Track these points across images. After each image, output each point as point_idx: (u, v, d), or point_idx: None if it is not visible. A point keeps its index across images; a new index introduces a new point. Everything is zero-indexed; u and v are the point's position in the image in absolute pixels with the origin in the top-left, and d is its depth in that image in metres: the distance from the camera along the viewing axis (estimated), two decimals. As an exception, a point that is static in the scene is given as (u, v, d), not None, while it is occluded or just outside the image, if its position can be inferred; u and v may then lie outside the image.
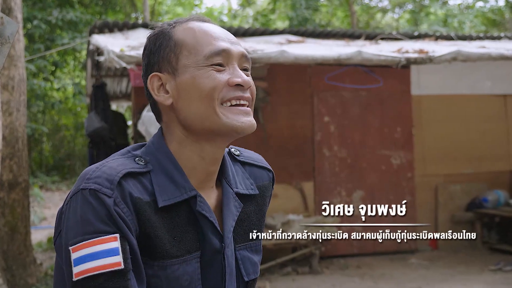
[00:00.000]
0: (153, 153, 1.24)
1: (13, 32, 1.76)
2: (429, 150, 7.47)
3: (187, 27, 1.26)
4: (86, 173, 1.17)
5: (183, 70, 1.22)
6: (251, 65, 1.29)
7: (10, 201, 5.72)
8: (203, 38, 1.24)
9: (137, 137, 6.53)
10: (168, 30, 1.26)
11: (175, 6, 20.48)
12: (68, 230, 1.13)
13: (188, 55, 1.22)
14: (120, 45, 5.75)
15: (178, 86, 1.22)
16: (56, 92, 15.10)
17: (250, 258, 1.34)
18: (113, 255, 1.10)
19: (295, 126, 7.06)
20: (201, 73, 1.21)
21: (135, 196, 1.15)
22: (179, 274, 1.19)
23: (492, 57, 6.12)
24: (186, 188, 1.22)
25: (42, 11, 12.52)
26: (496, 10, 17.49)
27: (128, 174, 1.17)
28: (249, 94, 1.25)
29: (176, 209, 1.21)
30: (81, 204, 1.13)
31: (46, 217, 10.49)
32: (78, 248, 1.10)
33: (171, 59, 1.23)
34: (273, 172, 1.45)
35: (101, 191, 1.12)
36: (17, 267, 5.74)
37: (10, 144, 5.70)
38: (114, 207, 1.12)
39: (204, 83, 1.21)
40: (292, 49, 5.91)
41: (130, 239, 1.13)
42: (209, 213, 1.24)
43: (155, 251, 1.17)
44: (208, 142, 1.24)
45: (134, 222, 1.14)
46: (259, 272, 1.37)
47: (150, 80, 1.25)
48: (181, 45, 1.23)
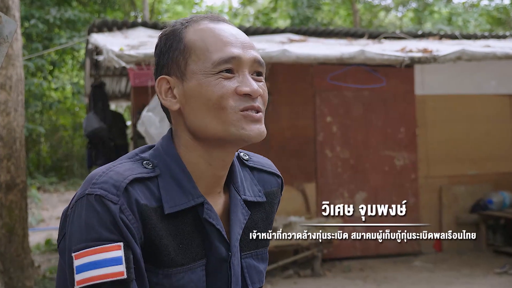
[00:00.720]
0: (162, 156, 1.22)
1: (11, 31, 1.74)
2: (433, 151, 7.41)
3: (198, 29, 1.22)
4: (92, 177, 1.15)
5: (191, 76, 1.19)
6: (265, 68, 1.24)
7: (7, 202, 5.68)
8: (213, 43, 1.19)
9: (136, 138, 6.50)
10: (180, 31, 1.22)
11: (175, 4, 20.45)
12: (72, 236, 1.11)
13: (196, 61, 1.19)
14: (119, 44, 5.71)
15: (186, 93, 1.19)
16: (54, 92, 15.03)
17: (255, 267, 1.32)
18: (116, 264, 1.08)
19: (297, 126, 7.01)
20: (209, 81, 1.17)
21: (141, 203, 1.13)
22: (184, 282, 1.18)
23: (497, 57, 6.10)
24: (194, 195, 1.20)
25: (40, 9, 12.45)
26: (502, 9, 17.46)
27: (135, 180, 1.15)
28: (259, 104, 1.20)
29: (183, 216, 1.19)
30: (86, 210, 1.11)
31: (44, 219, 10.46)
32: (81, 255, 1.09)
33: (180, 63, 1.20)
34: (282, 178, 1.43)
35: (107, 198, 1.10)
36: (15, 269, 5.70)
37: (8, 144, 5.66)
38: (120, 214, 1.10)
39: (211, 91, 1.17)
40: (294, 48, 5.87)
41: (134, 248, 1.11)
42: (216, 220, 1.21)
43: (160, 258, 1.15)
44: (216, 148, 1.21)
45: (139, 230, 1.12)
46: (264, 280, 1.34)
47: (158, 83, 1.23)
48: (190, 49, 1.20)
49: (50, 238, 8.25)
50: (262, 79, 1.23)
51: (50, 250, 7.89)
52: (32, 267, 5.92)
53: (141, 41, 6.02)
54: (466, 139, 7.52)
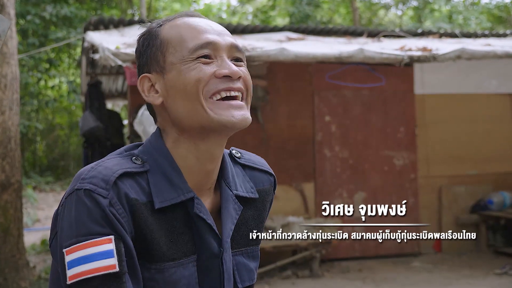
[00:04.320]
0: (151, 152, 1.22)
1: (5, 29, 1.76)
2: (433, 151, 7.37)
3: (173, 24, 1.24)
4: (81, 173, 1.15)
5: (170, 67, 1.20)
6: (244, 55, 1.25)
7: (2, 202, 5.66)
8: (188, 32, 1.21)
9: (133, 137, 6.45)
10: (155, 29, 1.24)
11: (172, 2, 20.39)
12: (62, 232, 1.11)
13: (174, 52, 1.20)
14: (116, 42, 5.67)
15: (166, 84, 1.20)
16: (50, 91, 14.95)
17: (246, 265, 1.31)
18: (107, 257, 1.08)
19: (295, 126, 6.97)
20: (187, 67, 1.18)
21: (131, 197, 1.13)
22: (176, 278, 1.18)
23: (498, 55, 6.08)
24: (183, 190, 1.20)
25: (36, 6, 12.37)
26: (502, 7, 17.48)
27: (124, 174, 1.15)
28: (241, 85, 1.20)
29: (173, 211, 1.19)
30: (75, 205, 1.11)
31: (40, 219, 10.43)
32: (72, 251, 1.09)
33: (159, 58, 1.21)
34: (274, 177, 1.42)
35: (96, 192, 1.10)
36: (10, 270, 5.68)
37: (3, 143, 5.64)
38: (109, 207, 1.10)
39: (189, 76, 1.18)
40: (292, 46, 5.83)
41: (126, 240, 1.11)
42: (206, 215, 1.21)
43: (152, 253, 1.15)
44: (202, 140, 1.21)
45: (129, 224, 1.12)
46: (255, 279, 1.34)
47: (140, 82, 1.24)
48: (166, 42, 1.21)
49: (46, 239, 8.20)
50: (243, 64, 1.23)
51: (45, 250, 7.84)
52: (27, 268, 5.89)
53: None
54: (466, 139, 7.48)
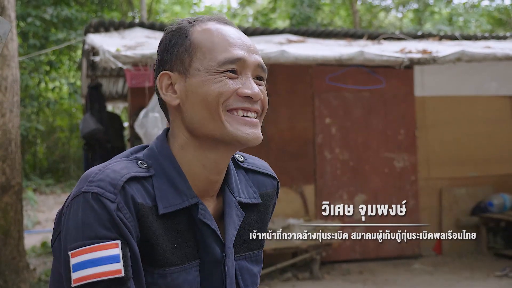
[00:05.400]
0: (156, 156, 1.22)
1: (5, 31, 1.76)
2: (433, 153, 7.36)
3: (205, 28, 1.23)
4: (88, 175, 1.15)
5: (194, 72, 1.20)
6: (266, 74, 1.26)
7: (2, 204, 5.65)
8: (220, 43, 1.21)
9: (133, 139, 6.46)
10: (186, 28, 1.24)
11: (173, 4, 20.41)
12: (68, 234, 1.11)
13: (202, 59, 1.20)
14: (116, 44, 5.68)
15: (187, 88, 1.20)
16: (50, 93, 14.94)
17: (249, 269, 1.31)
18: (113, 262, 1.08)
19: (295, 128, 6.96)
20: (212, 79, 1.19)
21: (138, 202, 1.13)
22: (179, 282, 1.18)
23: (498, 58, 6.10)
24: (188, 195, 1.20)
25: (36, 8, 12.38)
26: (502, 9, 17.48)
27: (132, 178, 1.15)
28: (258, 107, 1.22)
29: (177, 216, 1.19)
30: (82, 208, 1.10)
31: (40, 221, 10.41)
32: (78, 254, 1.08)
33: (185, 60, 1.21)
34: (278, 180, 1.42)
35: (104, 195, 1.10)
36: (10, 272, 5.66)
37: (3, 146, 5.62)
38: (117, 212, 1.10)
39: (213, 88, 1.18)
40: (293, 49, 5.83)
41: (132, 245, 1.11)
42: (210, 221, 1.21)
43: (155, 258, 1.15)
44: (211, 149, 1.21)
45: (136, 228, 1.12)
46: (258, 283, 1.34)
47: (160, 78, 1.24)
48: (196, 47, 1.21)
49: (46, 241, 8.20)
50: (263, 83, 1.25)
51: (45, 252, 7.83)
52: (28, 270, 5.87)
53: (138, 42, 5.97)
54: (467, 141, 7.47)
